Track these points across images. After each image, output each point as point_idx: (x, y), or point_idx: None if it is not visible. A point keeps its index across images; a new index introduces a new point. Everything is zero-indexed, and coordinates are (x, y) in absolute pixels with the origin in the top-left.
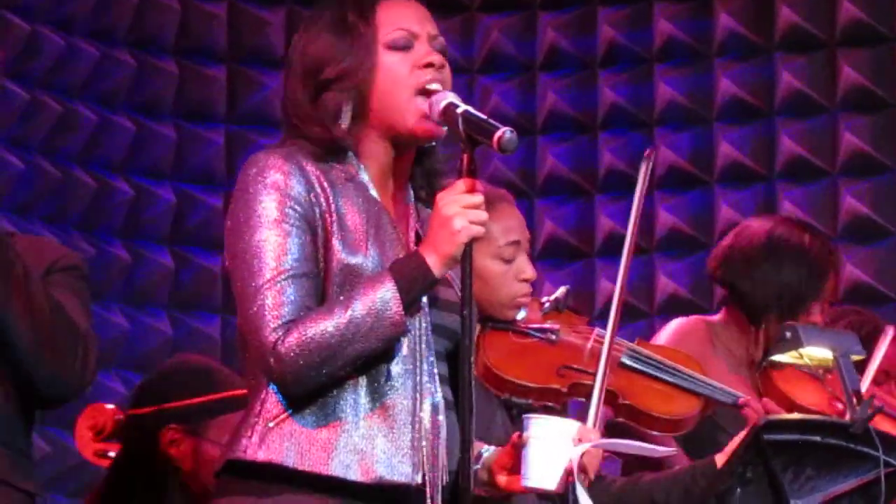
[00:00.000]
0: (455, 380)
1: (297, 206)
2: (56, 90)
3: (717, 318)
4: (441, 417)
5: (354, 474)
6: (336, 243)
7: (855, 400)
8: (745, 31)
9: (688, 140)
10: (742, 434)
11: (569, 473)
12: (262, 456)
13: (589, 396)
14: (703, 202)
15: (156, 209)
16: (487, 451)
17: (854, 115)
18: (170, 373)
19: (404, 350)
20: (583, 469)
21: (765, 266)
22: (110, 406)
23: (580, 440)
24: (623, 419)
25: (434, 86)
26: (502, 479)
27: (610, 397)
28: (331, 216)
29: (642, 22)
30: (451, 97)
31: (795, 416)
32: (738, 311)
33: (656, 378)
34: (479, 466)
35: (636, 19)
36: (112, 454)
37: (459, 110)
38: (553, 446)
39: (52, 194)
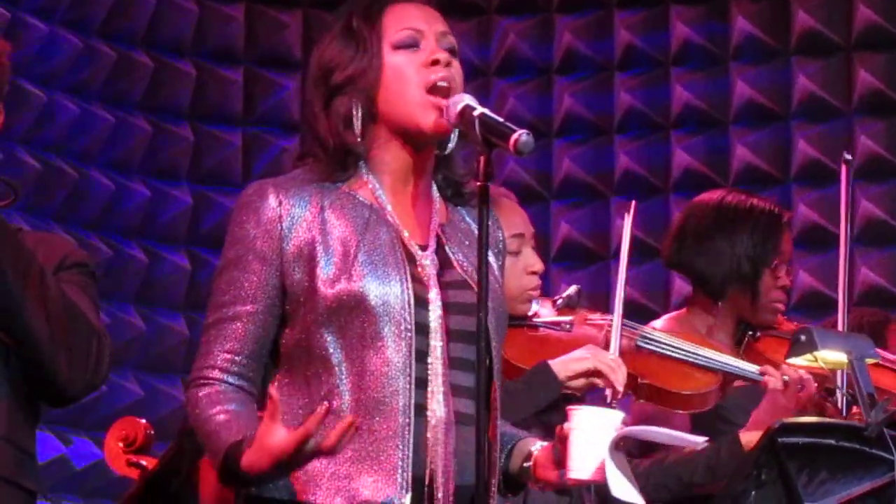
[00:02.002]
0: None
1: (262, 240)
2: (73, 92)
3: (682, 312)
4: (440, 433)
5: (341, 501)
6: (319, 272)
7: (869, 403)
8: (761, 34)
9: (704, 143)
10: (764, 404)
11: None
12: (254, 491)
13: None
14: None
15: (172, 210)
16: (537, 446)
17: (869, 118)
18: None
19: (394, 372)
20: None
21: (717, 239)
22: (143, 420)
23: None
24: (644, 400)
25: (441, 83)
26: (549, 473)
27: (629, 380)
28: (316, 243)
29: (659, 25)
30: (468, 99)
31: (810, 419)
32: (701, 294)
33: (673, 358)
34: (530, 464)
35: (652, 23)
36: (143, 463)
37: (476, 113)
38: (596, 436)
39: (68, 195)
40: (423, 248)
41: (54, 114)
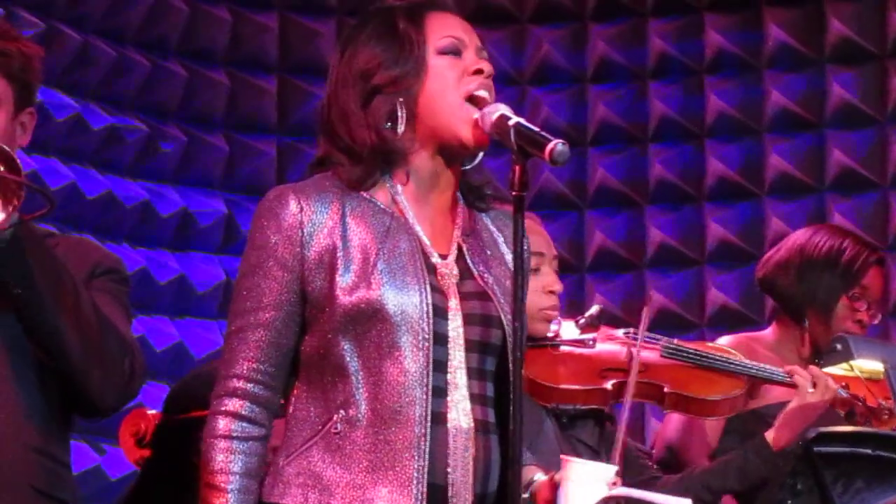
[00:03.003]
0: (500, 400)
1: (283, 247)
2: (107, 101)
3: (767, 330)
4: (461, 443)
5: None
6: (338, 279)
7: None
8: (795, 42)
9: (738, 152)
10: (792, 404)
11: None
12: (270, 499)
13: (635, 395)
14: (753, 214)
15: (207, 220)
16: (538, 478)
17: None
18: (204, 376)
19: (411, 381)
20: None
21: (801, 265)
22: (152, 411)
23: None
24: (671, 409)
25: (482, 92)
26: None
27: (655, 391)
28: (337, 250)
29: (693, 33)
30: (503, 109)
31: (846, 428)
32: (784, 315)
33: (698, 366)
34: (527, 495)
35: (687, 31)
36: None
37: (511, 122)
38: (586, 491)
39: (101, 208)
40: (444, 257)
41: (87, 125)
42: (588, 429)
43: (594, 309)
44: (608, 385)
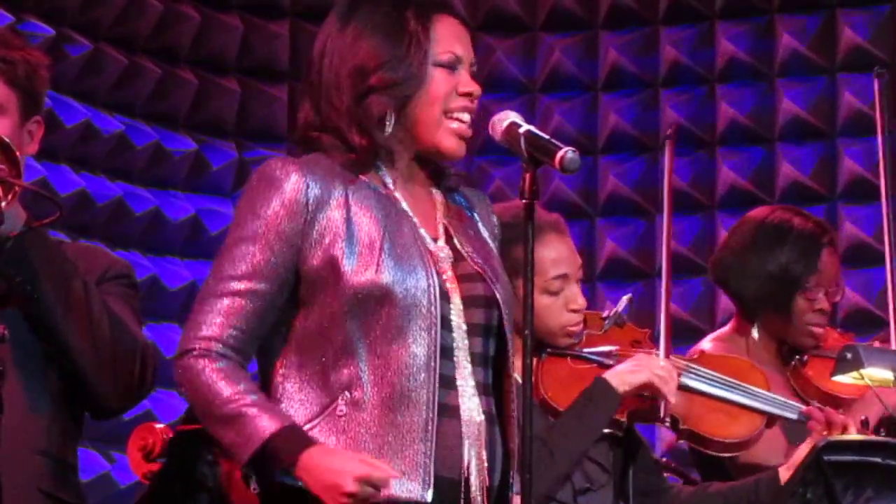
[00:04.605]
0: (497, 388)
1: (286, 220)
2: (117, 109)
3: (725, 331)
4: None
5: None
6: (344, 261)
7: None
8: (806, 51)
9: (749, 160)
10: (805, 446)
11: None
12: (283, 480)
13: (652, 420)
14: None
15: (217, 227)
16: None
17: None
18: None
19: (419, 365)
20: None
21: (752, 257)
22: (160, 425)
23: None
24: (685, 442)
25: (464, 115)
26: None
27: (671, 423)
28: (340, 231)
29: (704, 42)
30: (514, 116)
31: (856, 437)
32: (739, 313)
33: (717, 398)
34: None
35: (698, 40)
36: None
37: (522, 130)
38: None
39: (108, 217)
40: (435, 240)
41: (97, 132)
42: (602, 450)
43: (622, 303)
44: (623, 417)
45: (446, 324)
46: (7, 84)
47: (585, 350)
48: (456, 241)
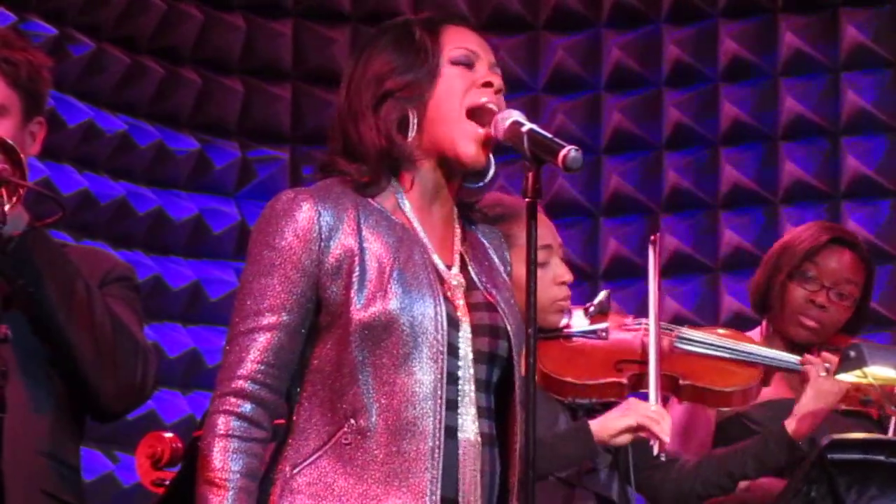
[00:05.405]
0: (501, 412)
1: (300, 251)
2: (120, 108)
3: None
4: (471, 455)
5: None
6: (354, 288)
7: None
8: (809, 50)
9: (753, 159)
10: (807, 392)
11: None
12: None
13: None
14: (768, 221)
15: (220, 227)
16: None
17: None
18: None
19: (425, 393)
20: None
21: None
22: (168, 434)
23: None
24: (686, 400)
25: (491, 105)
26: None
27: (671, 382)
28: (353, 257)
29: (708, 42)
30: (517, 115)
31: (860, 435)
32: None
33: (712, 356)
34: None
35: (701, 39)
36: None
37: (524, 128)
38: None
39: (112, 216)
40: (449, 267)
41: (100, 132)
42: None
43: (602, 295)
44: (624, 379)
45: (453, 351)
46: (9, 85)
47: (572, 330)
48: (470, 269)
